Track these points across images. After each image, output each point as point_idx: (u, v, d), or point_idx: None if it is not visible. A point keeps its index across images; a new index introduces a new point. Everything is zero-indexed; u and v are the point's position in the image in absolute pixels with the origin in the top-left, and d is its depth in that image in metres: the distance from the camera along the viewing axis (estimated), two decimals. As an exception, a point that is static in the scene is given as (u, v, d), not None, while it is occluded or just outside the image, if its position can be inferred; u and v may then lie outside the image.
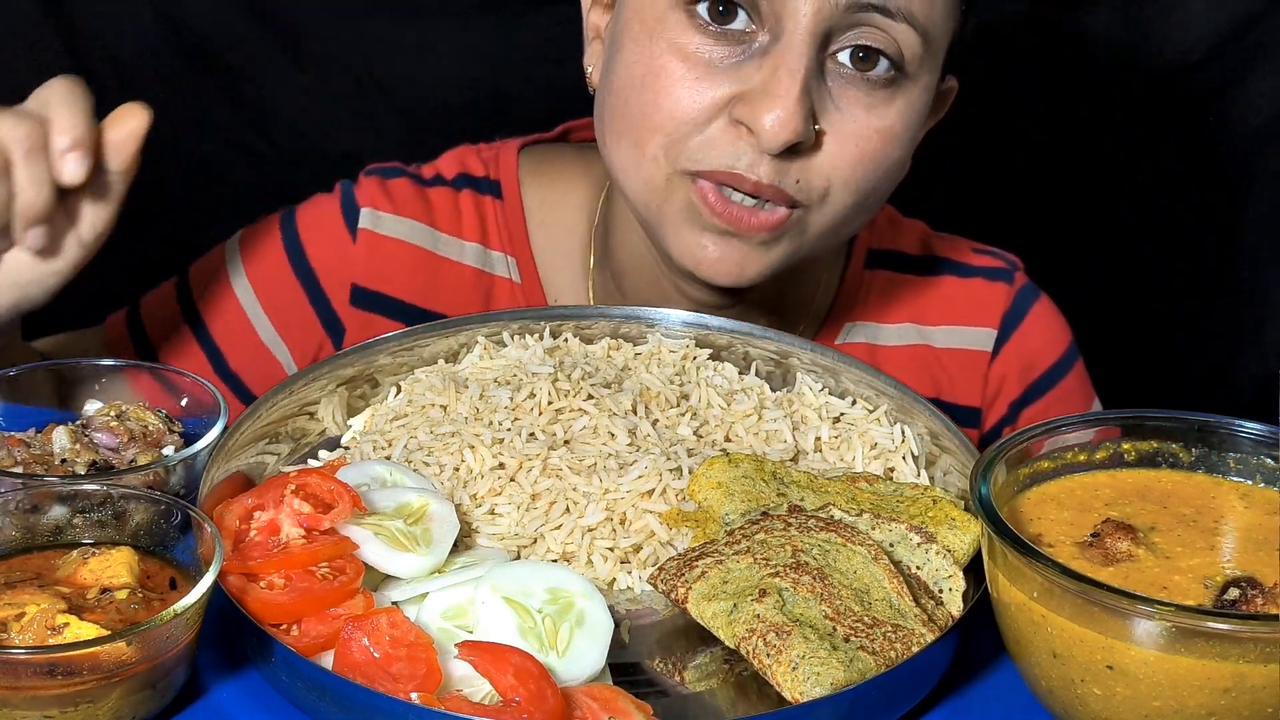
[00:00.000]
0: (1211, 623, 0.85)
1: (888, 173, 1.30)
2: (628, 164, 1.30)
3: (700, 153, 1.25)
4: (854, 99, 1.26)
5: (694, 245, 1.29)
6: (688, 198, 1.27)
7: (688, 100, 1.25)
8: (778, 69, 1.21)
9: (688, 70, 1.25)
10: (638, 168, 1.29)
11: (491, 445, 1.14)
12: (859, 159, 1.27)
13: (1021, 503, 1.01)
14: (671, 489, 1.12)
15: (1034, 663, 0.93)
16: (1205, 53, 2.13)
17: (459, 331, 1.29)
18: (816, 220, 1.29)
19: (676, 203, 1.28)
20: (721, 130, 1.25)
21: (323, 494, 1.04)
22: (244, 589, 0.97)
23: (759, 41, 1.24)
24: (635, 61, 1.27)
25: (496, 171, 1.53)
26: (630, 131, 1.28)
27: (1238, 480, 1.03)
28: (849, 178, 1.27)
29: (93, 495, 1.01)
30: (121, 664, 0.88)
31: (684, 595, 1.00)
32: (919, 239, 1.58)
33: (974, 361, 1.55)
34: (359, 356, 1.25)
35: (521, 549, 1.09)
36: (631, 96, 1.27)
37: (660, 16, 1.26)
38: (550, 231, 1.52)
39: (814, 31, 1.21)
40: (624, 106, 1.29)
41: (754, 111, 1.22)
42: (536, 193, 1.53)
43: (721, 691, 0.99)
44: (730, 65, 1.24)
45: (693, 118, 1.25)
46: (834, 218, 1.30)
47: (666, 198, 1.29)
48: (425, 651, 0.93)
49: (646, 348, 1.29)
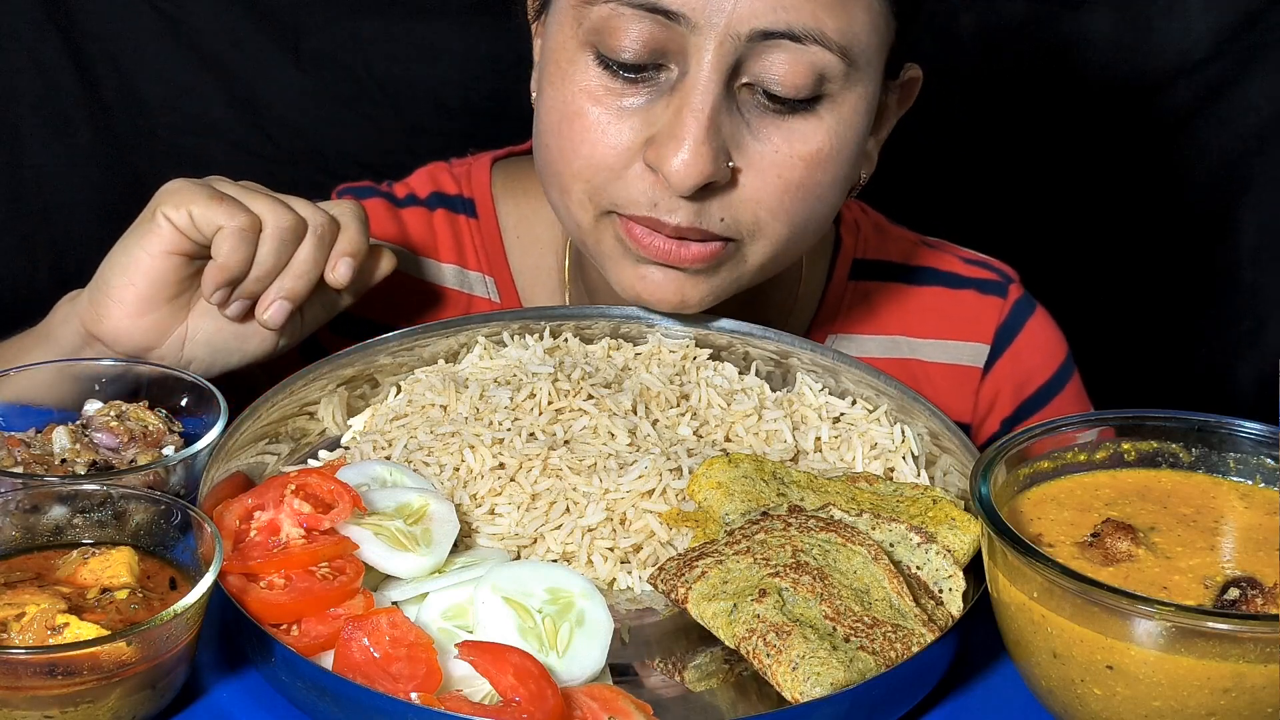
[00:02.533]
0: (1211, 623, 0.85)
1: (824, 195, 1.25)
2: (559, 206, 1.29)
3: (620, 196, 1.23)
4: (772, 127, 1.21)
5: (633, 277, 1.26)
6: (617, 234, 1.25)
7: (602, 146, 1.22)
8: (681, 109, 1.18)
9: (601, 113, 1.22)
10: (567, 211, 1.28)
11: (491, 445, 1.14)
12: (784, 189, 1.22)
13: (1021, 503, 1.01)
14: (671, 489, 1.12)
15: (1034, 663, 0.93)
16: (1205, 53, 2.13)
17: (459, 331, 1.29)
18: (754, 251, 1.26)
19: (608, 240, 1.27)
20: (638, 175, 1.22)
21: (323, 494, 1.04)
22: (244, 589, 0.97)
23: (666, 77, 1.20)
24: (553, 107, 1.25)
25: (470, 189, 1.52)
26: (554, 176, 1.27)
27: (1238, 480, 1.03)
28: (777, 208, 1.23)
29: (93, 495, 1.01)
30: (121, 664, 0.88)
31: (684, 595, 1.00)
32: (907, 248, 1.56)
33: (965, 377, 1.53)
34: (359, 356, 1.25)
35: (521, 549, 1.09)
36: (552, 142, 1.26)
37: (572, 58, 1.23)
38: (526, 248, 1.51)
39: (718, 67, 1.17)
40: (547, 151, 1.27)
41: (660, 155, 1.18)
42: (511, 209, 1.52)
43: (721, 691, 0.99)
44: (641, 106, 1.21)
45: (610, 163, 1.22)
46: (772, 248, 1.26)
47: (598, 237, 1.27)
48: (425, 651, 0.93)
49: (646, 348, 1.29)
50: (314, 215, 1.25)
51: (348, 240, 1.27)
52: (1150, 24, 2.14)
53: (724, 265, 1.26)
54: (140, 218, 1.24)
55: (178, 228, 1.21)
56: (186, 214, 1.20)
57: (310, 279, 1.25)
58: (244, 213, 1.21)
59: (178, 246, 1.22)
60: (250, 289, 1.24)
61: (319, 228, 1.25)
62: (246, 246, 1.21)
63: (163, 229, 1.21)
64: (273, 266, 1.23)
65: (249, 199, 1.22)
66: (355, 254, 1.27)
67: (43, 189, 2.10)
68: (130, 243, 1.24)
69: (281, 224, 1.22)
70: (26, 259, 2.12)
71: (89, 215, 2.11)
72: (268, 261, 1.23)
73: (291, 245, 1.24)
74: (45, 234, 2.12)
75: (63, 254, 2.12)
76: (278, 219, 1.22)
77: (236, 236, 1.20)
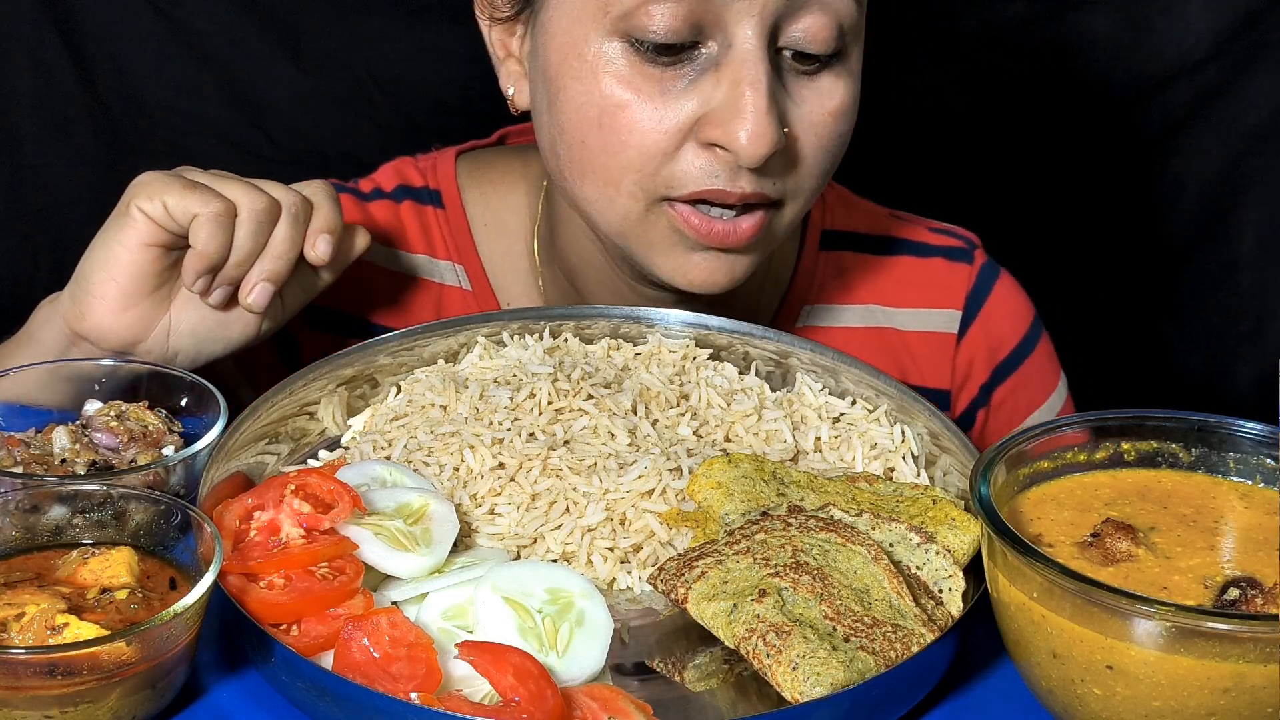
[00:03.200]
0: (1211, 623, 0.85)
1: (842, 149, 1.30)
2: (599, 200, 1.28)
3: (677, 180, 1.23)
4: (805, 89, 1.24)
5: (683, 264, 1.28)
6: (670, 223, 1.26)
7: (654, 133, 1.22)
8: (739, 83, 1.19)
9: (643, 101, 1.21)
10: (611, 204, 1.27)
11: (491, 445, 1.14)
12: (821, 146, 1.26)
13: (1021, 503, 1.01)
14: (671, 489, 1.12)
15: (1034, 663, 0.93)
16: (1205, 53, 2.13)
17: (459, 331, 1.29)
18: (789, 210, 1.29)
19: (659, 229, 1.27)
20: (694, 154, 1.22)
21: (323, 494, 1.04)
22: (244, 589, 0.97)
23: (707, 52, 1.21)
24: (585, 102, 1.24)
25: (435, 180, 1.52)
26: (598, 171, 1.25)
27: (1238, 480, 1.03)
28: (814, 165, 1.27)
29: (93, 495, 1.01)
30: (121, 664, 0.88)
31: (684, 595, 1.00)
32: (874, 219, 1.57)
33: (940, 344, 1.54)
34: (359, 356, 1.25)
35: (521, 549, 1.09)
36: (591, 137, 1.24)
37: (599, 50, 1.22)
38: (495, 236, 1.51)
39: (763, 34, 1.19)
40: (583, 148, 1.25)
41: (726, 132, 1.19)
42: (478, 198, 1.52)
43: (721, 691, 0.99)
44: (686, 87, 1.21)
45: (662, 149, 1.22)
46: (801, 207, 1.30)
47: (646, 227, 1.27)
48: (425, 651, 0.93)
49: (646, 348, 1.29)
50: (286, 195, 1.25)
51: (323, 217, 1.27)
52: (1150, 24, 2.14)
53: (767, 234, 1.28)
54: (115, 212, 1.25)
55: (153, 219, 1.21)
56: (161, 205, 1.21)
57: (290, 259, 1.25)
58: (218, 199, 1.21)
59: (155, 238, 1.22)
60: (231, 274, 1.24)
61: (293, 207, 1.25)
62: (224, 232, 1.21)
63: (138, 222, 1.22)
64: (251, 249, 1.23)
65: (221, 185, 1.23)
66: (332, 230, 1.27)
67: (43, 189, 2.10)
68: (108, 238, 1.24)
69: (256, 206, 1.22)
70: (27, 259, 2.12)
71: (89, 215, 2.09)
72: (246, 245, 1.23)
73: (268, 227, 1.24)
74: (45, 234, 2.11)
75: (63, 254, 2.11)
76: (252, 202, 1.22)
77: (213, 223, 1.20)
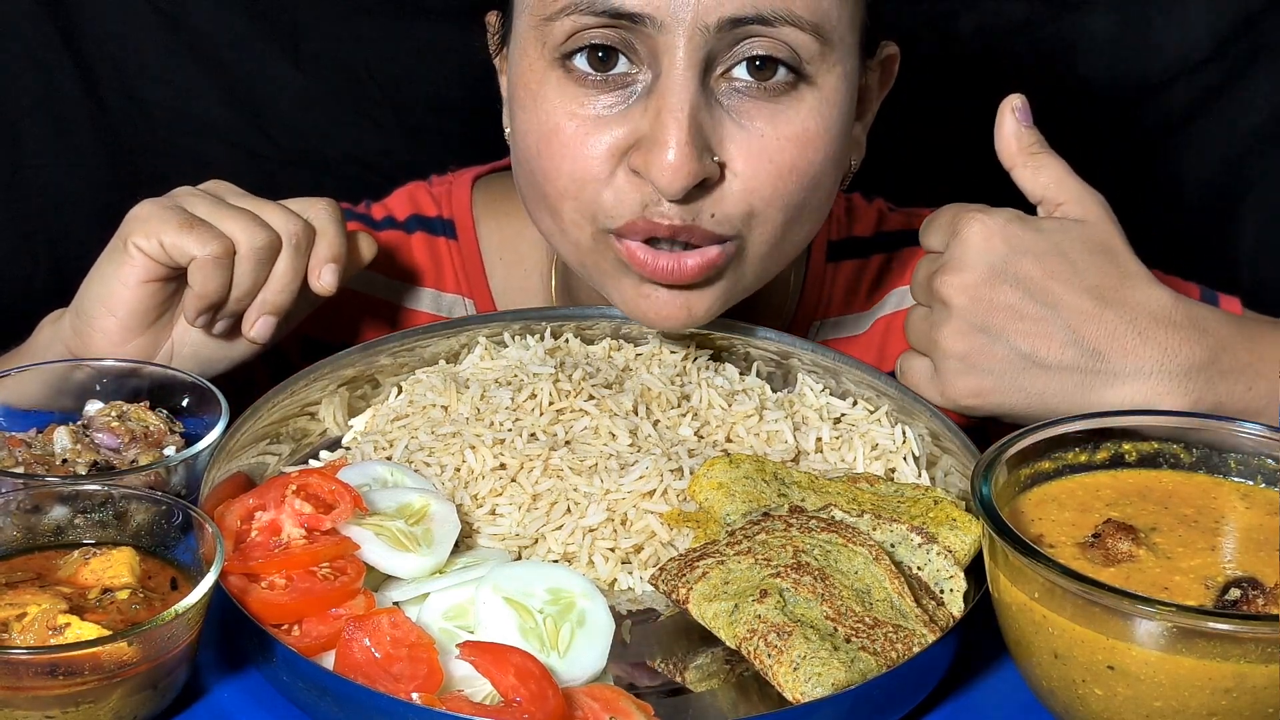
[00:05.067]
0: (1213, 623, 0.85)
1: (818, 178, 1.22)
2: (552, 231, 1.26)
3: (613, 209, 1.20)
4: (755, 113, 1.18)
5: (637, 297, 1.23)
6: (617, 257, 1.23)
7: (584, 158, 1.19)
8: (660, 112, 1.15)
9: (578, 127, 1.19)
10: (563, 234, 1.25)
11: (493, 446, 1.14)
12: (777, 174, 1.19)
13: (1022, 503, 1.01)
14: (672, 489, 1.12)
15: (1035, 663, 0.93)
16: (1205, 53, 2.13)
17: (460, 332, 1.29)
18: (755, 244, 1.23)
19: (609, 260, 1.24)
20: (625, 181, 1.19)
21: (324, 494, 1.04)
22: (245, 589, 0.97)
23: (642, 82, 1.18)
24: (529, 130, 1.22)
25: (450, 209, 1.50)
26: (542, 200, 1.24)
27: (1239, 481, 1.03)
28: (772, 195, 1.20)
29: (94, 495, 1.01)
30: (123, 664, 0.88)
31: (685, 596, 1.00)
32: (873, 220, 1.55)
33: None
34: (360, 357, 1.25)
35: (522, 549, 1.09)
36: (534, 165, 1.23)
37: (542, 79, 1.21)
38: (510, 269, 1.49)
39: (692, 64, 1.15)
40: (530, 176, 1.24)
41: (646, 161, 1.16)
42: (494, 229, 1.50)
43: (723, 692, 0.99)
44: (618, 114, 1.19)
45: (595, 174, 1.19)
46: (772, 237, 1.23)
47: (598, 258, 1.24)
48: (426, 652, 0.93)
49: (647, 348, 1.29)
50: (287, 224, 1.24)
51: (327, 245, 1.26)
52: (1150, 24, 2.14)
53: (727, 271, 1.23)
54: (111, 245, 1.24)
55: (150, 257, 1.21)
56: (158, 243, 1.20)
57: (291, 290, 1.25)
58: (216, 239, 1.20)
59: (152, 274, 1.22)
60: (232, 309, 1.25)
61: (294, 237, 1.24)
62: (223, 273, 1.21)
63: (135, 260, 1.22)
64: (252, 285, 1.23)
65: (219, 217, 1.22)
66: (337, 258, 1.27)
67: (43, 189, 2.10)
68: (106, 273, 1.24)
69: (256, 244, 1.22)
70: (27, 259, 2.12)
71: (89, 215, 2.10)
72: (246, 282, 1.23)
73: (268, 262, 1.23)
74: (45, 234, 2.11)
75: (63, 254, 2.12)
76: (251, 239, 1.22)
77: (211, 265, 1.20)
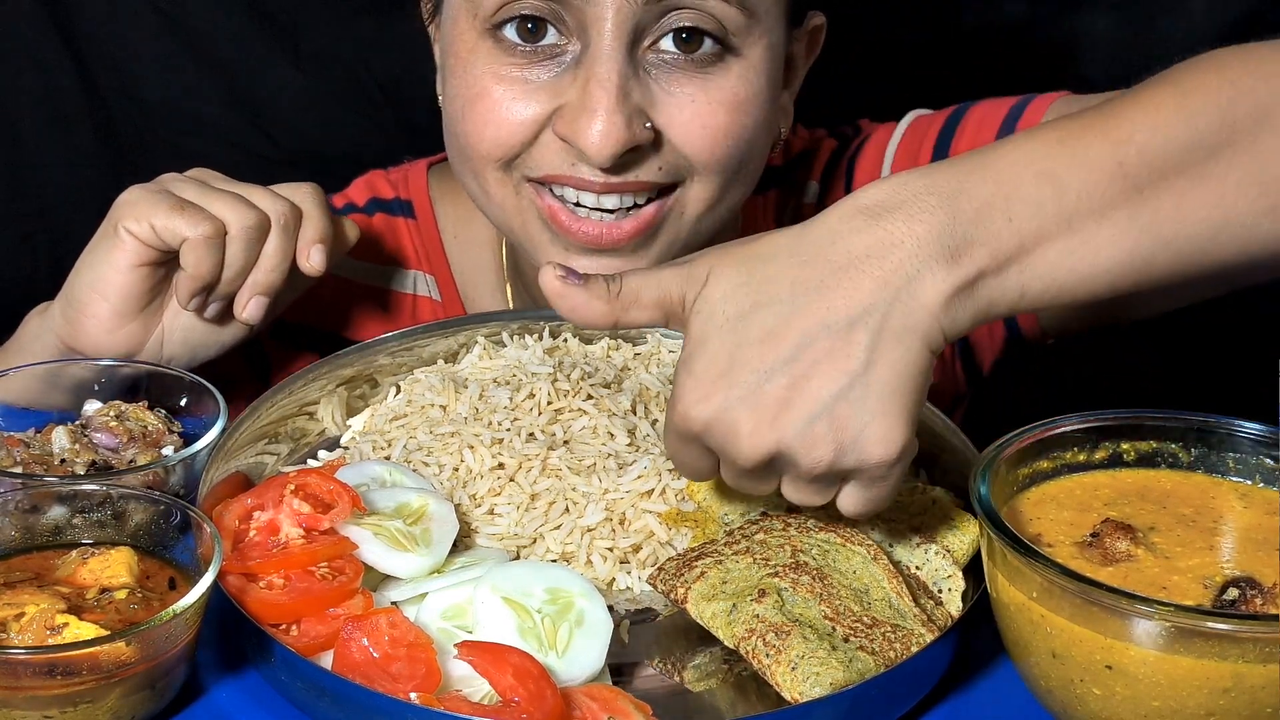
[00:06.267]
0: (1210, 623, 0.85)
1: (751, 141, 1.26)
2: (477, 194, 1.30)
3: (535, 161, 1.24)
4: (684, 82, 1.22)
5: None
6: (540, 217, 1.26)
7: (510, 122, 1.23)
8: (589, 82, 1.19)
9: (505, 90, 1.22)
10: (486, 195, 1.28)
11: (491, 445, 1.14)
12: (712, 136, 1.23)
13: (1021, 503, 1.01)
14: (671, 489, 1.12)
15: (1033, 663, 0.93)
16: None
17: (458, 332, 1.29)
18: (692, 199, 1.26)
19: (534, 221, 1.27)
20: (549, 143, 1.23)
21: (322, 494, 1.04)
22: (243, 589, 0.97)
23: (570, 53, 1.21)
24: (457, 95, 1.26)
25: (407, 192, 1.53)
26: (467, 161, 1.27)
27: (1237, 480, 1.03)
28: (709, 156, 1.24)
29: (92, 495, 1.01)
30: (121, 664, 0.88)
31: (683, 595, 1.00)
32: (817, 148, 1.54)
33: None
34: (358, 357, 1.25)
35: (521, 549, 1.09)
36: (459, 127, 1.26)
37: (473, 46, 1.24)
38: (465, 247, 1.51)
39: (620, 36, 1.18)
40: (455, 138, 1.28)
41: (574, 129, 1.19)
42: (449, 210, 1.52)
43: (721, 691, 0.99)
44: (547, 81, 1.22)
45: (520, 138, 1.23)
46: (709, 193, 1.26)
47: (523, 218, 1.27)
48: (424, 652, 0.93)
49: (646, 347, 1.29)
50: (274, 205, 1.25)
51: (313, 226, 1.27)
52: (1152, 23, 2.13)
53: (660, 231, 1.26)
54: (101, 231, 1.25)
55: (141, 240, 1.22)
56: (149, 226, 1.21)
57: (282, 270, 1.26)
58: (207, 220, 1.21)
59: (144, 258, 1.23)
60: (224, 291, 1.25)
61: (282, 218, 1.25)
62: (215, 253, 1.22)
63: (126, 244, 1.22)
64: (243, 266, 1.24)
65: (208, 200, 1.22)
66: (324, 239, 1.28)
67: (43, 189, 2.10)
68: (96, 258, 1.25)
69: (246, 223, 1.22)
70: (27, 258, 2.12)
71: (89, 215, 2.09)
72: (237, 262, 1.23)
73: (258, 242, 1.24)
74: (45, 234, 2.11)
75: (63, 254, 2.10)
76: (241, 219, 1.22)
77: (203, 246, 1.21)
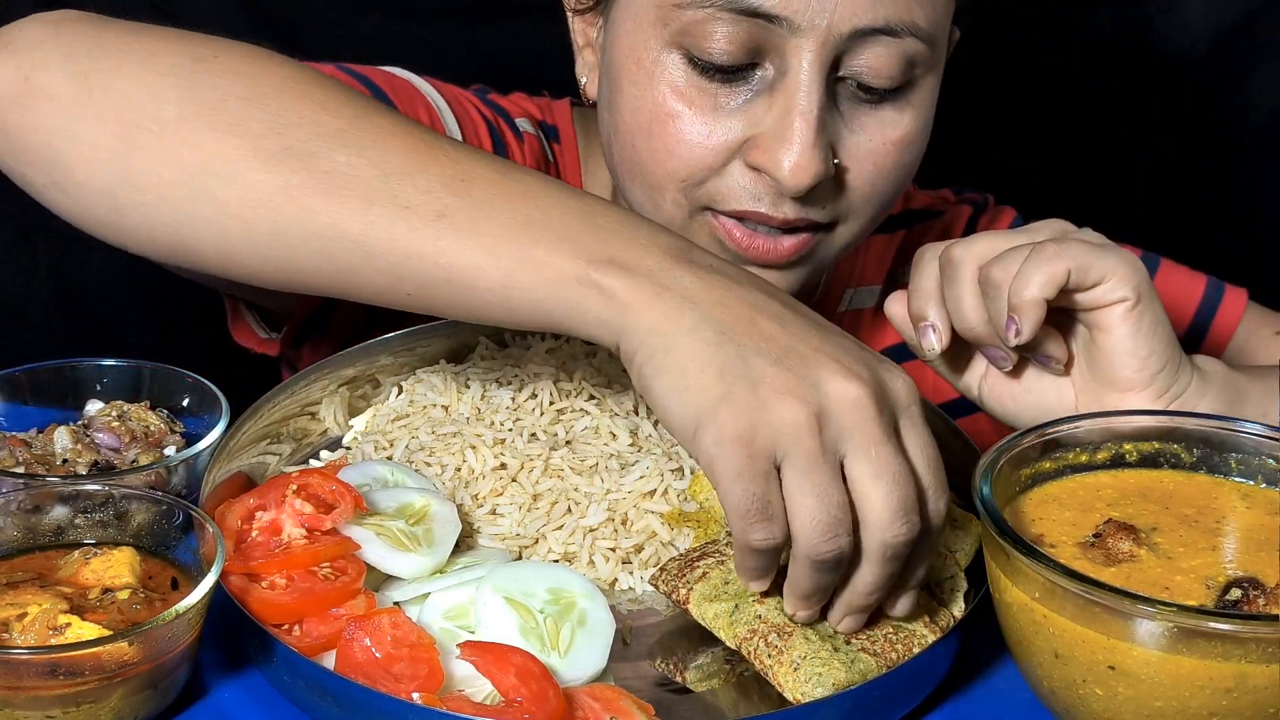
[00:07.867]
0: (1213, 623, 0.85)
1: (907, 176, 1.28)
2: (645, 204, 1.26)
3: (720, 195, 1.21)
4: (866, 117, 1.21)
5: None
6: (712, 233, 1.24)
7: (700, 148, 1.19)
8: (789, 111, 1.16)
9: (694, 114, 1.19)
10: (656, 210, 1.25)
11: (493, 445, 1.14)
12: (876, 175, 1.23)
13: (1023, 503, 1.01)
14: (673, 489, 1.12)
15: (1036, 663, 0.93)
16: (1205, 52, 2.13)
17: (460, 331, 1.29)
18: (841, 235, 1.26)
19: (701, 239, 1.24)
20: (740, 172, 1.20)
21: (324, 494, 1.04)
22: (246, 589, 0.97)
23: (763, 74, 1.18)
24: (639, 107, 1.21)
25: (553, 118, 1.50)
26: (643, 176, 1.24)
27: (1240, 481, 1.03)
28: (871, 193, 1.24)
29: (94, 495, 1.01)
30: (123, 664, 0.88)
31: (685, 596, 1.00)
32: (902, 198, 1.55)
33: None
34: (360, 356, 1.25)
35: (523, 549, 1.09)
36: (640, 142, 1.22)
37: (656, 58, 1.20)
38: (595, 187, 1.48)
39: (820, 67, 1.16)
40: (633, 151, 1.24)
41: (770, 158, 1.17)
42: (587, 148, 1.49)
43: (723, 692, 0.99)
44: (739, 106, 1.19)
45: (708, 163, 1.20)
46: (858, 230, 1.27)
47: (690, 233, 1.25)
48: (427, 652, 0.93)
49: (647, 348, 1.29)
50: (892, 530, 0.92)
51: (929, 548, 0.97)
52: (1149, 23, 2.14)
53: (813, 254, 1.26)
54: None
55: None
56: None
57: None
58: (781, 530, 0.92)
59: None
60: None
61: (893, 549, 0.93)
62: None
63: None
64: None
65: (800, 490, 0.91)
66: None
67: (43, 189, 2.10)
68: None
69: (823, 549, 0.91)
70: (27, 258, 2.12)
71: (89, 215, 2.10)
72: None
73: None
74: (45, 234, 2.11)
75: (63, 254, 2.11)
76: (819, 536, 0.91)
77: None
